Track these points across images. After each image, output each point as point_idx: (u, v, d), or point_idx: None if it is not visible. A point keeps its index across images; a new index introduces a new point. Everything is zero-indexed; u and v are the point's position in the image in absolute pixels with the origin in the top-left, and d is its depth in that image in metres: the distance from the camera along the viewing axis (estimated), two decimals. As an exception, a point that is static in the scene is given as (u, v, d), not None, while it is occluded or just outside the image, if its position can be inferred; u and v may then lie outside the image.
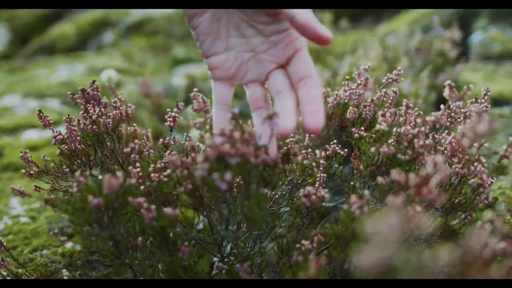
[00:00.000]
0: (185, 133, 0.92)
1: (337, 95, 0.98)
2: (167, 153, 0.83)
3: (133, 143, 0.77)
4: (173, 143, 0.90)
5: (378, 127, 0.75)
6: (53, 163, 0.92)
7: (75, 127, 0.88)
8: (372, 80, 1.00)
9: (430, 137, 0.83)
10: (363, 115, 0.94)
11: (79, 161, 0.91)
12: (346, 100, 0.97)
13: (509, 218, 1.03)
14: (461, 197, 0.79)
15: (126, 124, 1.02)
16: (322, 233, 0.82)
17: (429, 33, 2.30)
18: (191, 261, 0.79)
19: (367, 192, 0.64)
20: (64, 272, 0.81)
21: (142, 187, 0.78)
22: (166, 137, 0.92)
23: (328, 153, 0.91)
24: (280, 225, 0.85)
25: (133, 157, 0.86)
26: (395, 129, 0.75)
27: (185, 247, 0.76)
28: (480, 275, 0.42)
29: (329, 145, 0.91)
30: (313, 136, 0.98)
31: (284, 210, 0.91)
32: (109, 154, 0.95)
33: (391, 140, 0.74)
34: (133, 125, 0.99)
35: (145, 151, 0.94)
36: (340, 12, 3.36)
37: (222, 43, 0.74)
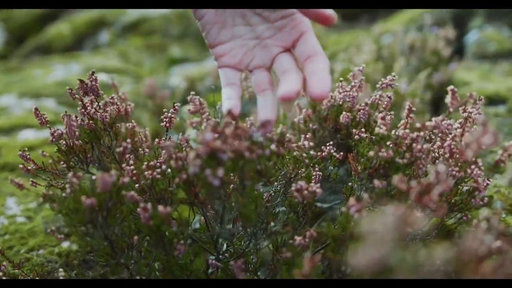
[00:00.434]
0: (180, 133, 0.93)
1: (331, 97, 0.98)
2: (163, 152, 0.83)
3: (126, 142, 0.77)
4: (168, 143, 0.90)
5: (377, 130, 0.76)
6: (52, 159, 0.92)
7: (74, 122, 0.88)
8: (365, 78, 1.00)
9: (428, 137, 0.83)
10: (357, 119, 0.94)
11: (76, 158, 0.91)
12: (340, 102, 0.97)
13: (504, 216, 1.03)
14: (457, 198, 0.79)
15: (124, 121, 1.02)
16: (318, 232, 0.83)
17: (423, 31, 2.31)
18: (187, 260, 0.80)
19: (366, 195, 0.64)
20: (60, 271, 0.81)
21: (136, 185, 0.78)
22: (162, 138, 0.92)
23: (324, 154, 0.92)
24: (275, 223, 0.85)
25: (128, 157, 0.86)
26: (393, 132, 0.75)
27: (180, 246, 0.76)
28: (475, 273, 0.42)
29: (325, 146, 0.91)
30: (308, 136, 0.98)
31: (279, 209, 0.91)
32: (106, 151, 0.95)
33: (390, 142, 0.75)
34: (132, 121, 0.99)
35: (140, 150, 0.94)
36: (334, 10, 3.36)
37: (228, 32, 0.75)
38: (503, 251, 0.50)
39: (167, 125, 0.90)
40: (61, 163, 0.89)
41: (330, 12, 0.67)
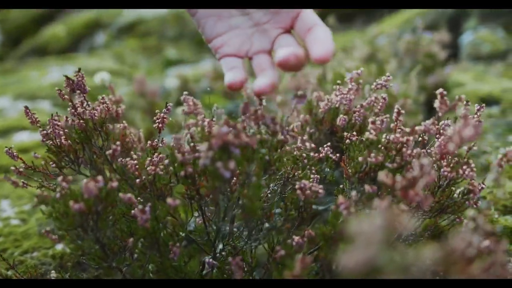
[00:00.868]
0: (173, 134, 0.93)
1: (328, 99, 0.98)
2: (155, 155, 0.83)
3: (116, 144, 0.77)
4: (161, 145, 0.90)
5: (367, 135, 0.76)
6: (44, 161, 0.92)
7: (59, 121, 0.88)
8: (361, 81, 1.00)
9: (419, 139, 0.84)
10: (352, 121, 0.95)
11: (67, 158, 0.91)
12: (337, 105, 0.97)
13: (497, 216, 1.04)
14: (450, 200, 0.80)
15: (116, 122, 1.02)
16: (315, 232, 0.83)
17: (417, 34, 2.31)
18: (181, 262, 0.80)
19: (354, 193, 0.64)
20: (52, 273, 0.81)
21: (137, 180, 0.78)
22: (154, 139, 0.92)
23: (321, 155, 0.92)
24: (273, 221, 0.85)
25: (121, 161, 0.86)
26: (384, 135, 0.75)
27: (176, 248, 0.77)
28: (462, 273, 0.43)
29: (322, 147, 0.92)
30: (305, 138, 0.99)
31: (275, 210, 0.91)
32: (98, 151, 0.95)
33: (380, 145, 0.75)
34: (123, 122, 0.99)
35: (133, 152, 0.94)
36: (327, 11, 3.37)
37: (224, 24, 0.74)
38: (491, 251, 0.51)
39: (160, 125, 0.90)
40: (51, 163, 0.89)
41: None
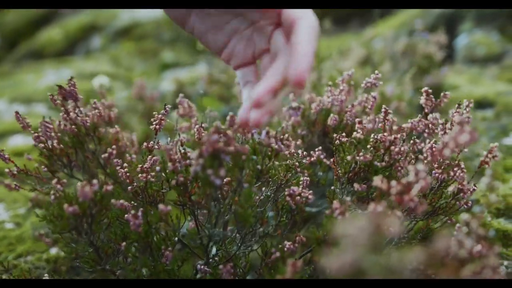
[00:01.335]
0: (169, 137, 0.93)
1: (320, 101, 0.99)
2: (149, 157, 0.84)
3: (112, 148, 0.77)
4: (157, 147, 0.90)
5: (354, 134, 0.76)
6: (37, 164, 0.92)
7: (50, 125, 0.88)
8: (352, 83, 1.01)
9: (411, 142, 0.84)
10: (344, 121, 0.95)
11: (59, 162, 0.91)
12: (328, 106, 0.97)
13: (490, 220, 1.04)
14: (442, 201, 0.80)
15: (109, 126, 1.02)
16: (306, 236, 0.83)
17: (414, 36, 2.32)
18: (174, 266, 0.80)
19: (348, 198, 0.64)
20: (45, 276, 0.81)
21: (129, 187, 0.78)
22: (150, 141, 0.92)
23: (312, 159, 0.92)
24: (265, 227, 0.85)
25: (120, 162, 0.86)
26: (372, 135, 0.76)
27: (168, 252, 0.77)
28: (452, 275, 0.43)
29: (313, 151, 0.92)
30: (298, 143, 0.99)
31: (268, 214, 0.91)
32: (91, 156, 0.95)
33: (369, 146, 0.75)
34: (115, 126, 0.99)
35: (127, 156, 0.94)
36: (324, 13, 3.37)
37: (224, 32, 0.74)
38: (482, 255, 0.51)
39: (157, 127, 0.90)
40: (43, 167, 0.89)
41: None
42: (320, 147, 0.90)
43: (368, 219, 0.41)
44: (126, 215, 0.71)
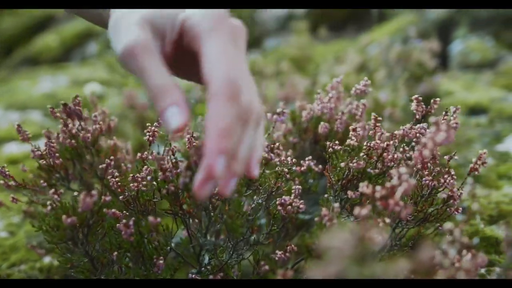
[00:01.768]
0: (161, 146, 0.93)
1: (310, 108, 0.99)
2: (144, 168, 0.84)
3: (109, 159, 0.77)
4: (150, 158, 0.90)
5: (348, 141, 0.77)
6: (32, 175, 0.92)
7: (54, 143, 0.88)
8: (342, 90, 1.01)
9: (401, 149, 0.85)
10: (335, 129, 0.96)
11: (57, 175, 0.91)
12: (319, 113, 0.98)
13: (482, 227, 1.05)
14: (433, 208, 0.81)
15: (106, 137, 1.03)
16: (298, 244, 0.84)
17: (408, 43, 2.33)
18: (167, 275, 0.80)
19: (337, 204, 0.65)
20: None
21: (121, 197, 0.78)
22: (144, 152, 0.92)
23: (303, 169, 0.93)
24: (257, 235, 0.86)
25: (111, 172, 0.87)
26: (365, 143, 0.76)
27: (160, 262, 0.77)
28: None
29: (304, 160, 0.93)
30: (289, 153, 0.99)
31: (260, 222, 0.92)
32: (88, 168, 0.95)
33: (362, 153, 0.76)
34: (113, 138, 1.00)
35: (123, 166, 0.95)
36: (319, 20, 3.39)
37: (187, 67, 0.64)
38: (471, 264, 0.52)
39: (150, 139, 0.90)
40: (42, 181, 0.89)
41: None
42: (310, 156, 0.91)
43: (354, 227, 0.41)
44: (117, 225, 0.72)
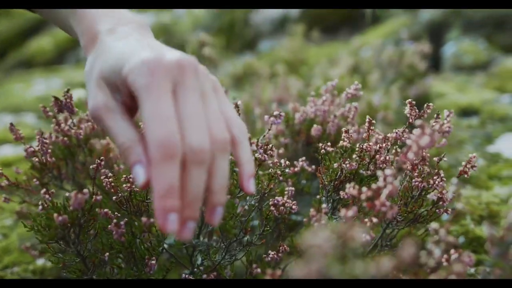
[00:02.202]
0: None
1: (303, 111, 1.00)
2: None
3: (100, 159, 0.77)
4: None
5: (341, 143, 0.78)
6: (26, 176, 0.92)
7: (47, 140, 0.88)
8: (335, 92, 1.02)
9: (393, 151, 0.86)
10: (327, 131, 0.97)
11: (50, 174, 0.92)
12: (312, 116, 0.99)
13: (472, 227, 1.06)
14: (423, 210, 0.82)
15: (100, 137, 1.03)
16: (289, 245, 0.84)
17: (400, 46, 2.35)
18: (159, 275, 0.80)
19: (325, 205, 0.66)
20: None
21: (114, 197, 0.79)
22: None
23: (296, 169, 0.93)
24: (250, 236, 0.86)
25: (103, 172, 0.87)
26: (358, 145, 0.77)
27: (152, 262, 0.77)
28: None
29: (297, 161, 0.93)
30: (281, 152, 1.00)
31: (253, 223, 0.92)
32: (81, 167, 0.96)
33: (355, 155, 0.77)
34: (106, 138, 1.00)
35: (115, 166, 0.95)
36: (313, 22, 3.40)
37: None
38: (457, 262, 0.52)
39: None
40: (34, 180, 0.90)
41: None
42: (304, 157, 0.92)
43: (338, 226, 0.42)
44: (110, 225, 0.72)
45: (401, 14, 3.13)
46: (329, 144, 0.83)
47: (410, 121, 0.81)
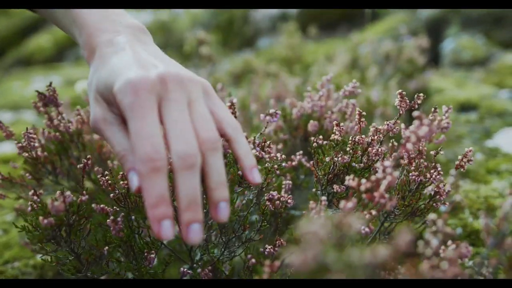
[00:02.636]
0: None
1: (301, 106, 1.00)
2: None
3: (86, 158, 0.78)
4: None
5: (332, 136, 0.78)
6: (22, 172, 0.92)
7: (33, 134, 0.88)
8: (341, 88, 1.02)
9: (390, 144, 0.86)
10: (324, 127, 0.97)
11: (44, 169, 0.92)
12: (309, 111, 0.99)
13: (471, 220, 1.06)
14: (420, 203, 0.82)
15: (93, 132, 1.03)
16: (288, 238, 0.85)
17: (398, 41, 2.35)
18: (159, 269, 0.81)
19: (324, 198, 0.66)
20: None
21: (111, 195, 0.79)
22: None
23: (293, 163, 0.94)
24: (249, 231, 0.86)
25: (98, 170, 0.87)
26: (350, 138, 0.77)
27: (151, 256, 0.78)
28: (408, 271, 0.44)
29: (294, 155, 0.94)
30: (279, 147, 1.01)
31: (252, 217, 0.93)
32: (76, 162, 0.96)
33: (348, 148, 0.77)
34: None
35: (109, 162, 0.95)
36: (311, 20, 3.40)
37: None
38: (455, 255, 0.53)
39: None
40: (27, 175, 0.90)
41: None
42: (301, 151, 0.92)
43: (337, 216, 0.42)
44: (107, 220, 0.73)
45: (400, 11, 3.13)
46: (321, 137, 0.84)
47: (400, 112, 0.81)
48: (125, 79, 0.57)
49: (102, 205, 0.73)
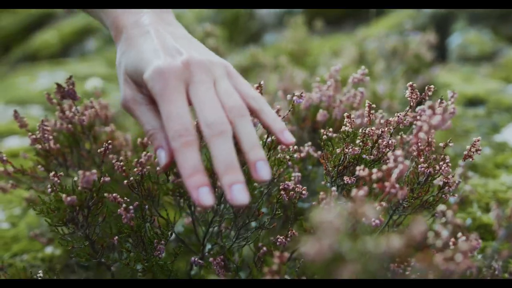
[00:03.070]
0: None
1: (309, 97, 1.00)
2: (143, 154, 0.85)
3: (107, 143, 0.78)
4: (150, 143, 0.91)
5: (343, 128, 0.78)
6: (33, 164, 0.93)
7: (48, 126, 0.88)
8: (339, 78, 1.02)
9: (398, 136, 0.86)
10: (333, 117, 0.97)
11: (55, 161, 0.92)
12: (317, 102, 0.99)
13: (479, 214, 1.06)
14: (429, 195, 0.82)
15: (105, 125, 1.04)
16: (298, 229, 0.85)
17: (404, 36, 2.34)
18: (168, 260, 0.81)
19: (334, 188, 0.66)
20: (40, 273, 0.82)
21: (125, 181, 0.80)
22: (144, 138, 0.93)
23: (302, 155, 0.93)
24: (261, 220, 0.86)
25: (112, 157, 0.87)
26: (360, 130, 0.77)
27: (161, 246, 0.78)
28: (421, 262, 0.44)
29: (303, 146, 0.94)
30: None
31: (263, 210, 0.93)
32: (86, 154, 0.96)
33: (358, 140, 0.77)
34: (110, 124, 1.01)
35: (122, 153, 0.95)
36: (316, 15, 3.39)
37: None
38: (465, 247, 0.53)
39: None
40: (39, 167, 0.90)
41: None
42: (310, 143, 0.92)
43: (349, 205, 0.42)
44: (119, 210, 0.73)
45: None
46: (330, 130, 0.84)
47: (411, 104, 0.81)
48: (154, 67, 0.62)
49: (114, 194, 0.74)
